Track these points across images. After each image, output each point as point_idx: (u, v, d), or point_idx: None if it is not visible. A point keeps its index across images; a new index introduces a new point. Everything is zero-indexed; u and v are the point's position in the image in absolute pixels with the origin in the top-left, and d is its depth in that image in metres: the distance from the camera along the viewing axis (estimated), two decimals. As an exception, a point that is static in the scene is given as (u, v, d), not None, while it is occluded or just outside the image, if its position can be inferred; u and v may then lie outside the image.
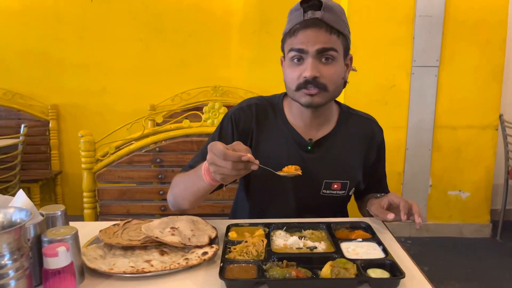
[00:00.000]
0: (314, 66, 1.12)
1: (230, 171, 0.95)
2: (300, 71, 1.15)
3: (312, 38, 1.12)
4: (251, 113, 1.28)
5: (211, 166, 0.97)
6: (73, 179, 3.71)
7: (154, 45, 3.61)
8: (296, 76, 1.16)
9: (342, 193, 1.30)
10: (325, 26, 1.11)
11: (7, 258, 0.72)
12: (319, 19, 1.11)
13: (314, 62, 1.13)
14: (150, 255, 0.97)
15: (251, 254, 0.95)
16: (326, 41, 1.12)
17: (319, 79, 1.13)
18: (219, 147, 0.94)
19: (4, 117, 3.54)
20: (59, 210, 0.93)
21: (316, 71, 1.12)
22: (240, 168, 0.96)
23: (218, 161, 0.95)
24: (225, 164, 0.94)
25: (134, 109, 3.39)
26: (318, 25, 1.11)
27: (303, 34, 1.13)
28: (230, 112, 1.31)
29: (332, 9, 1.13)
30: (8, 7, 3.51)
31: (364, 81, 3.03)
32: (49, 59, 3.59)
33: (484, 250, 3.14)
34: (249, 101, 1.32)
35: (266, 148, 1.27)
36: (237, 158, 0.94)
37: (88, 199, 1.64)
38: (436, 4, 3.01)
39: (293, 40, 1.15)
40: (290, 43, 1.16)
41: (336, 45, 1.14)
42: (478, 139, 3.19)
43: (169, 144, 1.67)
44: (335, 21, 1.13)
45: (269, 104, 1.31)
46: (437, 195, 3.29)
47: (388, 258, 0.93)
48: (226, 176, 0.98)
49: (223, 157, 0.94)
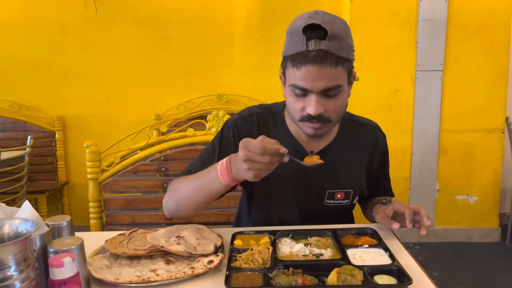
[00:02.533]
0: (319, 103, 1.07)
1: (267, 166, 0.95)
2: (303, 103, 1.10)
3: (317, 76, 1.04)
4: (252, 123, 1.26)
5: (246, 163, 0.94)
6: (79, 190, 3.72)
7: (158, 54, 3.63)
8: (299, 108, 1.11)
9: (346, 202, 1.28)
10: (330, 59, 1.03)
11: (13, 269, 0.72)
12: (324, 50, 1.03)
13: (318, 99, 1.07)
14: (156, 264, 0.97)
15: (257, 262, 0.95)
16: (331, 79, 1.06)
17: (323, 114, 1.09)
18: (255, 143, 0.93)
19: (11, 129, 3.57)
20: (65, 220, 0.94)
21: (320, 107, 1.08)
22: (275, 161, 0.96)
23: (255, 157, 0.93)
24: (263, 158, 0.93)
25: (139, 119, 3.40)
26: (324, 60, 1.03)
27: (306, 70, 1.05)
28: (231, 120, 1.29)
29: (337, 36, 1.04)
30: (13, 19, 3.56)
31: (368, 87, 3.03)
32: (54, 71, 3.62)
33: (494, 254, 3.10)
34: (250, 110, 1.30)
35: None
36: (275, 151, 0.94)
37: (94, 209, 1.64)
38: (438, 8, 3.01)
39: (295, 73, 1.07)
40: (293, 76, 1.09)
41: (341, 78, 1.08)
42: (485, 142, 3.17)
43: (174, 153, 1.68)
44: (341, 49, 1.05)
45: (270, 113, 1.29)
46: (444, 200, 3.27)
47: (395, 264, 0.92)
48: (261, 172, 0.96)
49: (262, 151, 0.92)
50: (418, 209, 1.11)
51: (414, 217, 1.11)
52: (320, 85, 1.06)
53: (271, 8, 3.58)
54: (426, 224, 1.08)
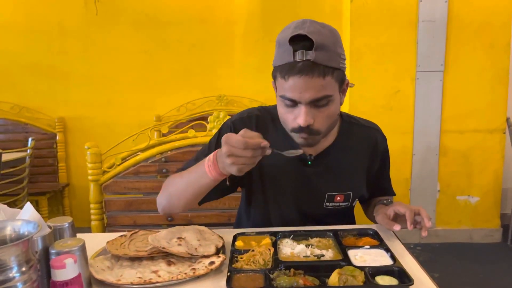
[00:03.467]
0: (307, 114, 1.07)
1: (250, 160, 0.96)
2: (293, 115, 1.10)
3: (304, 87, 1.04)
4: (251, 125, 1.25)
5: (229, 158, 0.96)
6: (80, 191, 3.73)
7: (159, 56, 3.64)
8: (290, 119, 1.11)
9: (345, 205, 1.28)
10: (318, 70, 1.02)
11: (15, 270, 0.72)
12: (312, 61, 1.02)
13: (307, 110, 1.07)
14: (157, 266, 0.97)
15: (258, 263, 0.95)
16: (319, 89, 1.04)
17: (312, 126, 1.09)
18: (237, 138, 0.95)
19: (12, 130, 3.58)
20: (67, 222, 0.94)
21: (309, 118, 1.07)
22: (257, 155, 0.97)
23: (237, 151, 0.95)
24: (246, 153, 0.95)
25: (140, 120, 3.40)
26: (311, 71, 1.02)
27: (294, 81, 1.04)
28: (229, 121, 1.28)
29: (324, 45, 1.03)
30: (14, 21, 3.57)
31: (369, 87, 3.04)
32: (55, 73, 3.63)
33: (495, 255, 3.10)
34: (250, 112, 1.29)
35: (267, 162, 1.23)
36: (257, 145, 0.95)
37: (95, 210, 1.65)
38: (439, 8, 3.02)
39: (284, 84, 1.07)
40: (282, 87, 1.08)
41: (330, 88, 1.07)
42: (486, 143, 3.17)
43: (174, 154, 1.68)
44: (329, 59, 1.04)
45: (269, 115, 1.27)
46: (445, 200, 3.26)
47: (396, 265, 0.92)
48: (244, 166, 0.97)
49: (244, 146, 0.94)
50: (418, 210, 1.11)
51: (415, 218, 1.11)
52: (308, 96, 1.05)
53: (271, 9, 3.58)
54: (427, 225, 1.07)
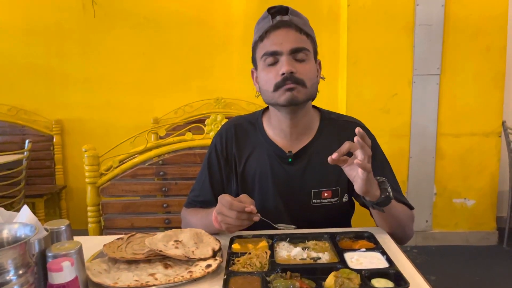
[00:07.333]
0: (289, 62, 1.15)
1: (235, 221, 1.06)
2: (276, 70, 1.17)
3: (284, 38, 1.16)
4: (230, 137, 1.32)
5: (219, 216, 1.08)
6: (77, 194, 3.72)
7: (156, 58, 3.64)
8: (272, 76, 1.18)
9: (335, 201, 1.27)
10: (295, 27, 1.17)
11: (12, 273, 0.72)
12: (288, 21, 1.17)
13: (289, 59, 1.16)
14: (154, 269, 0.97)
15: (254, 266, 0.95)
16: (297, 41, 1.17)
17: (296, 75, 1.16)
18: (226, 198, 1.07)
19: (9, 132, 3.57)
20: (64, 225, 0.93)
21: (292, 66, 1.15)
22: (243, 218, 1.06)
23: (224, 210, 1.06)
24: (231, 214, 1.05)
25: (138, 123, 3.40)
26: (288, 26, 1.17)
27: (274, 35, 1.17)
28: (213, 142, 1.36)
29: (298, 14, 1.20)
30: (12, 24, 3.57)
31: (365, 90, 3.05)
32: (53, 75, 3.63)
33: (491, 257, 3.11)
34: (228, 124, 1.37)
35: (251, 165, 1.29)
36: (241, 209, 1.05)
37: (92, 213, 1.65)
38: (435, 12, 3.03)
39: (265, 43, 1.18)
40: (263, 48, 1.19)
41: (307, 45, 1.19)
42: (482, 146, 3.18)
43: (172, 157, 1.68)
44: (303, 24, 1.19)
45: (248, 122, 1.35)
46: (442, 203, 3.27)
47: (392, 267, 0.93)
48: (231, 226, 1.08)
49: (229, 206, 1.05)
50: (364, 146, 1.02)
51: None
52: (289, 45, 1.15)
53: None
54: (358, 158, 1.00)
